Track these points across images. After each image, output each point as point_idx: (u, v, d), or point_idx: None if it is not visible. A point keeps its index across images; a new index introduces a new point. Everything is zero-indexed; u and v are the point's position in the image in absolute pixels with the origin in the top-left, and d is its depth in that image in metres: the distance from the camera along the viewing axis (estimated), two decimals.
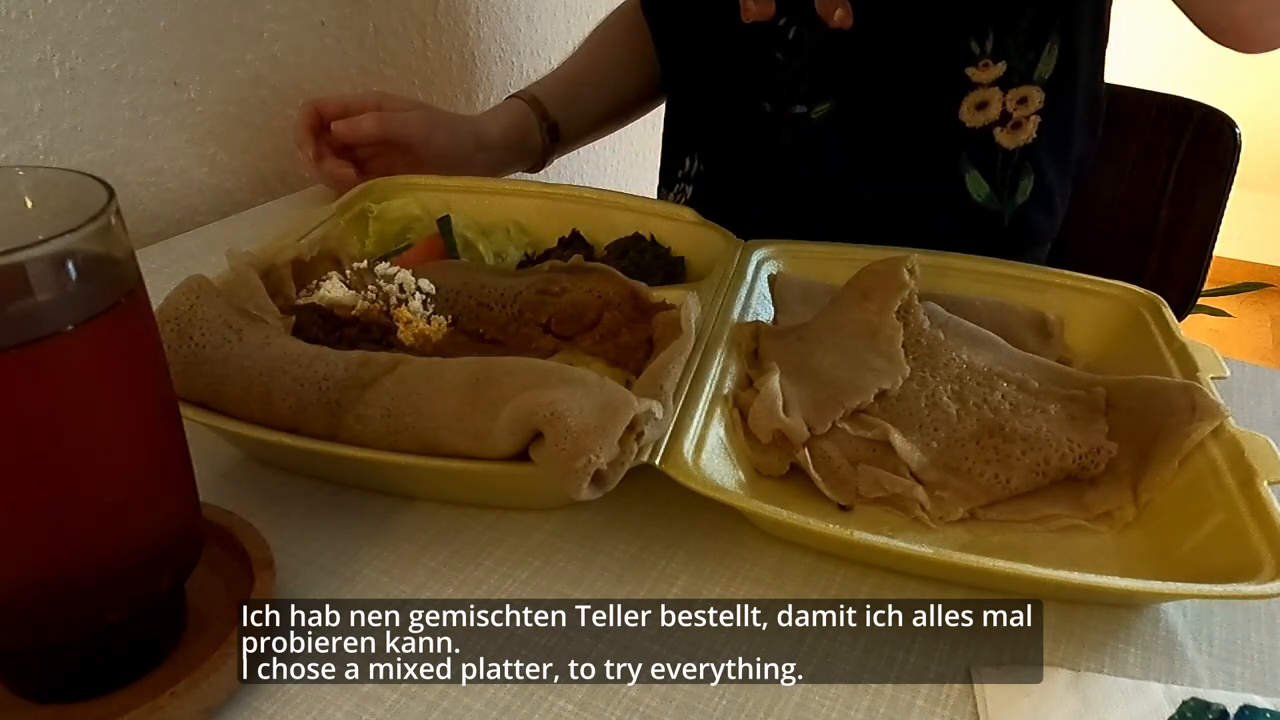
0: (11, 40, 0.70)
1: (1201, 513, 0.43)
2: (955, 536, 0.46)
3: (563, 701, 0.37)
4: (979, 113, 0.68)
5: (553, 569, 0.44)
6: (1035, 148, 0.70)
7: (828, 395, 0.49)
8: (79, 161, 0.76)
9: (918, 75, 0.67)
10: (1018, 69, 0.67)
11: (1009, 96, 0.68)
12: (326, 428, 0.44)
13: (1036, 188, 0.71)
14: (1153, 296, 0.58)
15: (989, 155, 0.70)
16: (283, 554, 0.43)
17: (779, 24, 0.66)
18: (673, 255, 0.65)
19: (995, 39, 0.66)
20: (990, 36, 0.66)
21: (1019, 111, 0.68)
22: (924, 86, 0.67)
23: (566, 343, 0.54)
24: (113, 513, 0.32)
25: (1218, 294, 1.76)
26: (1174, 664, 0.40)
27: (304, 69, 0.94)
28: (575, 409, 0.40)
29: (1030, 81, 0.67)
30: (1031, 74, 0.67)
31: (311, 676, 0.38)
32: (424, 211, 0.69)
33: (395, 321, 0.53)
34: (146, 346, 0.33)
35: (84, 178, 0.32)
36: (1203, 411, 0.46)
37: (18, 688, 0.36)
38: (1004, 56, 0.66)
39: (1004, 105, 0.68)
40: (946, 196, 0.71)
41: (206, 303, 0.47)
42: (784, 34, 0.67)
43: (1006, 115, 0.68)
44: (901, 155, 0.48)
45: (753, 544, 0.45)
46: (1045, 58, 0.66)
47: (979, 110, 0.68)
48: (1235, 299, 2.48)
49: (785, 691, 0.38)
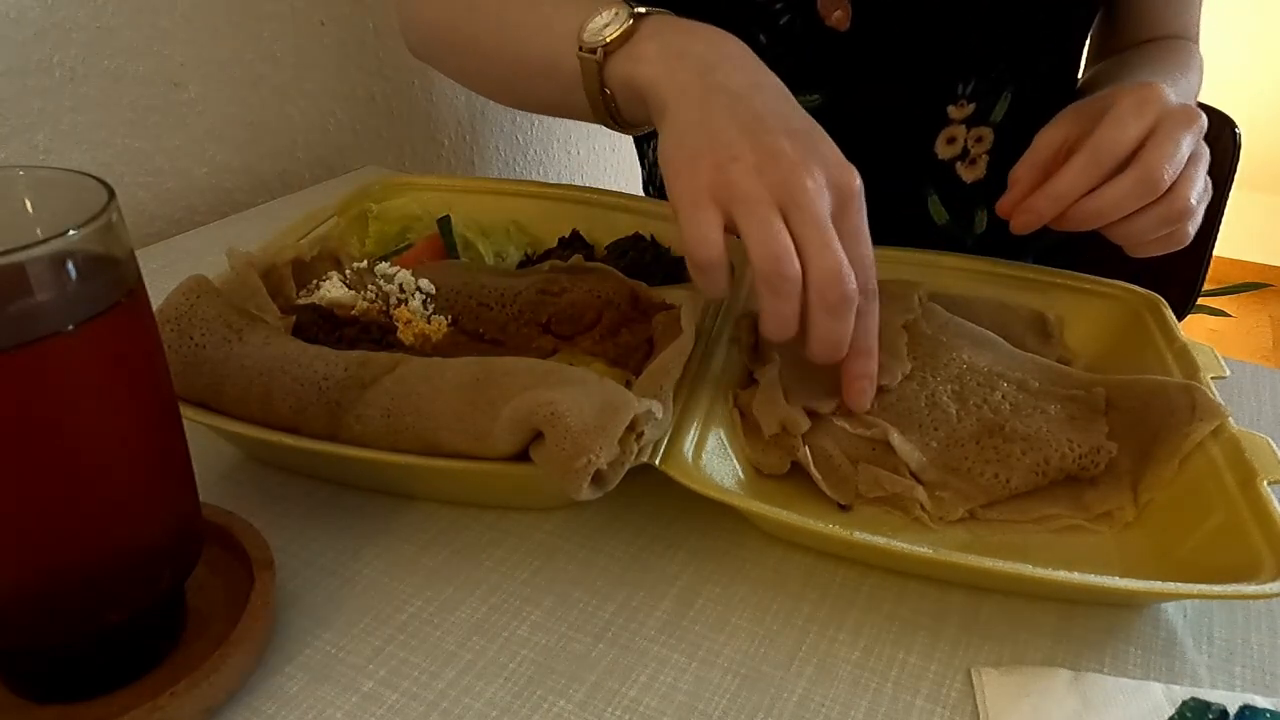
0: (11, 40, 0.70)
1: (1201, 513, 0.43)
2: (955, 536, 0.46)
3: (563, 701, 0.37)
4: (949, 147, 0.71)
5: (553, 569, 0.44)
6: (988, 184, 0.72)
7: (830, 383, 0.49)
8: (79, 161, 0.76)
9: (900, 101, 0.68)
10: (980, 109, 0.70)
11: (970, 134, 0.70)
12: (326, 428, 0.44)
13: (991, 221, 0.74)
14: (1153, 296, 0.58)
15: (950, 186, 0.73)
16: (283, 554, 0.43)
17: (774, 7, 0.66)
18: (673, 255, 0.65)
19: (975, 82, 0.69)
20: (973, 80, 0.68)
21: (975, 149, 0.71)
22: (905, 114, 0.69)
23: (566, 343, 0.54)
24: (113, 512, 0.32)
25: (1218, 294, 1.76)
26: (1174, 664, 0.40)
27: (304, 69, 0.94)
28: (575, 409, 0.40)
29: (985, 123, 0.70)
30: (988, 116, 0.70)
31: (312, 677, 0.38)
32: (424, 211, 0.69)
33: (395, 321, 0.53)
34: (146, 346, 0.33)
35: (84, 178, 0.32)
36: (1203, 411, 0.46)
37: (18, 688, 0.36)
38: (976, 98, 0.69)
39: (965, 142, 0.71)
40: (911, 215, 0.73)
41: (206, 303, 0.47)
42: (775, 18, 0.66)
43: (966, 151, 0.71)
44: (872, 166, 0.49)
45: (753, 544, 0.45)
46: (1000, 104, 0.70)
47: (949, 145, 0.71)
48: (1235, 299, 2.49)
49: (785, 691, 0.38)
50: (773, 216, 0.41)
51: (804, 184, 0.42)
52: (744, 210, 0.41)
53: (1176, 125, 0.50)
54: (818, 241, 0.41)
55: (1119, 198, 0.50)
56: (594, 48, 0.48)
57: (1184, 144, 0.50)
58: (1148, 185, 0.49)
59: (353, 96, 1.00)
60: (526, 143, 1.29)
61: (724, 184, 0.42)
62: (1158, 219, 0.50)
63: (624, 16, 0.48)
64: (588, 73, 0.49)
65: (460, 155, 1.18)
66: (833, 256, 0.41)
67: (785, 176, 0.42)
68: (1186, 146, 0.50)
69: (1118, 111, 0.51)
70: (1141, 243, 0.52)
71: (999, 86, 0.69)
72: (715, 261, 0.42)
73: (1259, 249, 2.71)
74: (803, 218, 0.41)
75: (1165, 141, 0.49)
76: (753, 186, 0.41)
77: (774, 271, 0.41)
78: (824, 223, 0.42)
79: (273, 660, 0.39)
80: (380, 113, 1.04)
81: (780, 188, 0.41)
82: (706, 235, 0.42)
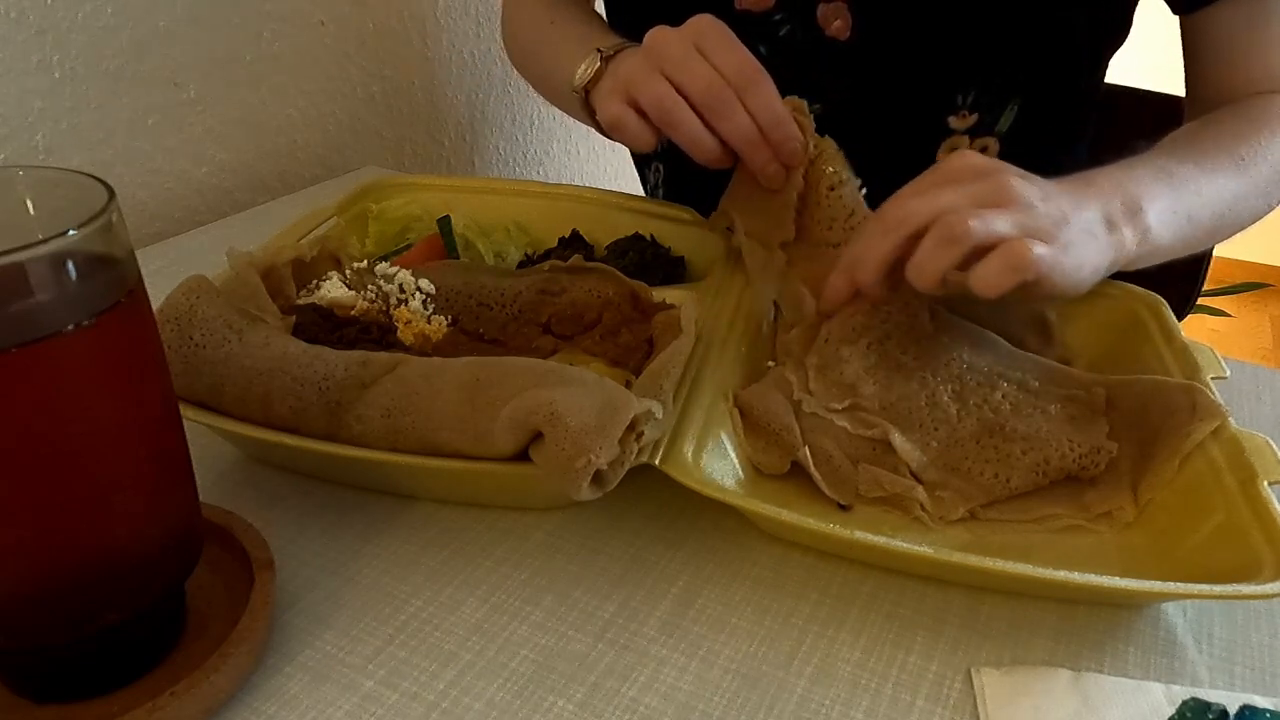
0: (11, 40, 0.70)
1: (1201, 513, 0.43)
2: (955, 536, 0.46)
3: (563, 701, 0.37)
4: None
5: (553, 569, 0.44)
6: None
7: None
8: (79, 161, 0.76)
9: (899, 111, 0.68)
10: (984, 120, 0.69)
11: (974, 145, 0.70)
12: (326, 428, 0.44)
13: None
14: (1153, 296, 0.58)
15: None
16: (283, 554, 0.43)
17: (773, 19, 0.66)
18: (673, 255, 0.65)
19: (976, 94, 0.68)
20: (973, 92, 0.68)
21: None
22: (904, 124, 0.69)
23: (566, 343, 0.54)
24: (113, 512, 0.32)
25: (1218, 294, 1.76)
26: (1174, 664, 0.40)
27: (304, 69, 0.94)
28: (575, 409, 0.40)
29: (991, 133, 0.70)
30: (994, 127, 0.70)
31: (312, 677, 0.38)
32: (424, 211, 0.69)
33: (395, 321, 0.53)
34: (146, 346, 0.33)
35: (84, 178, 0.32)
36: (1203, 412, 0.46)
37: (18, 688, 0.36)
38: (978, 109, 0.69)
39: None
40: None
41: (206, 303, 0.47)
42: (775, 29, 0.67)
43: None
44: (872, 176, 0.50)
45: (753, 544, 0.45)
46: (1006, 114, 0.69)
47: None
48: (1235, 299, 2.48)
49: (785, 691, 0.38)
50: (654, 79, 0.53)
51: (672, 50, 0.54)
52: (634, 85, 0.54)
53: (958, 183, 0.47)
54: (685, 71, 0.52)
55: (864, 236, 0.48)
56: (578, 90, 0.62)
57: (947, 193, 0.46)
58: (882, 220, 0.47)
59: (353, 96, 1.00)
60: (526, 143, 1.29)
61: (622, 80, 0.56)
62: (933, 238, 0.45)
63: (594, 60, 0.61)
64: (581, 105, 0.63)
65: (460, 155, 1.18)
66: (692, 72, 0.52)
67: (660, 51, 0.54)
68: (956, 195, 0.46)
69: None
70: (931, 268, 0.45)
71: (1004, 97, 0.68)
72: (616, 117, 0.55)
73: (1259, 249, 2.71)
74: (671, 66, 0.53)
75: (922, 185, 0.48)
76: (638, 69, 0.54)
77: (660, 108, 0.53)
78: (687, 57, 0.53)
79: (273, 660, 0.39)
80: (380, 113, 1.04)
81: (656, 59, 0.54)
82: (609, 108, 0.56)
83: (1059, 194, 0.48)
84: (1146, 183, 0.52)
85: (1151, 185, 0.52)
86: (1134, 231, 0.50)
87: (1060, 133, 0.73)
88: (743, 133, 0.53)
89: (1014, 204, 0.46)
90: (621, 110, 0.55)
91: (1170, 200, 0.52)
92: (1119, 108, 0.94)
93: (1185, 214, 0.53)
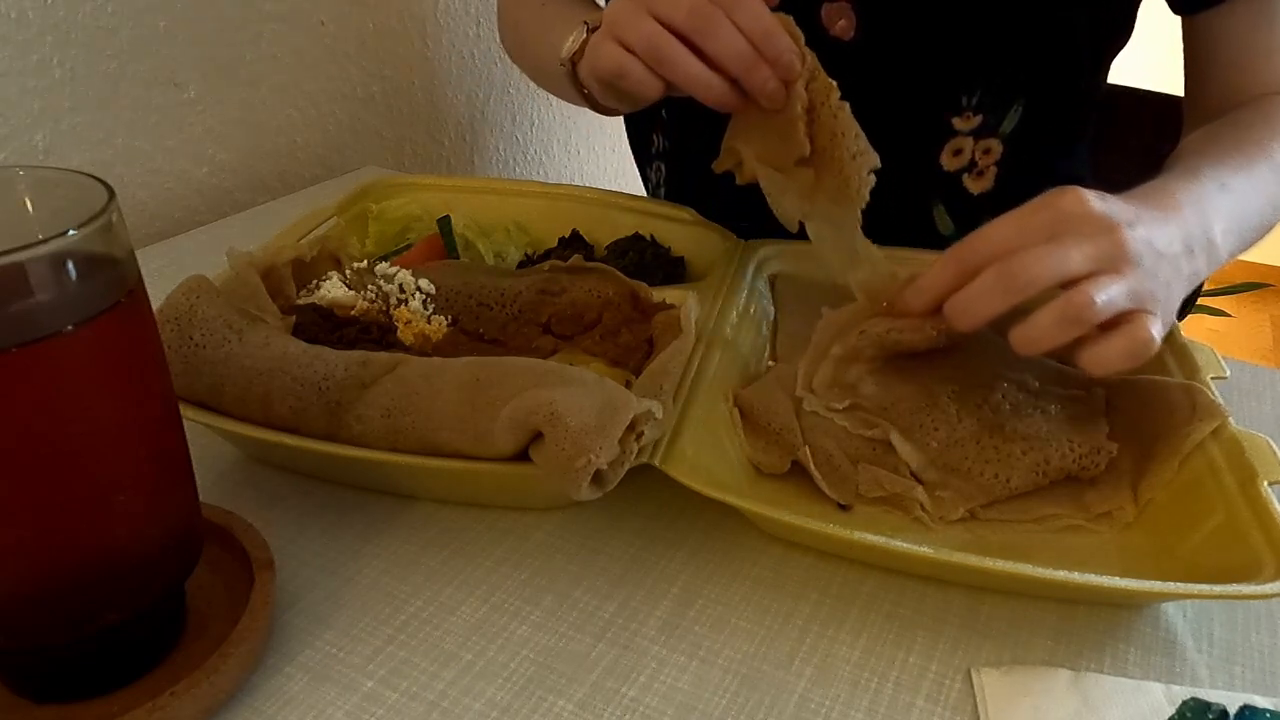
0: (11, 40, 0.70)
1: (1201, 513, 0.43)
2: (955, 536, 0.46)
3: (563, 701, 0.37)
4: (955, 158, 0.70)
5: (553, 569, 0.44)
6: (995, 195, 0.72)
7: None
8: (79, 161, 0.76)
9: (902, 112, 0.68)
10: (988, 121, 0.69)
11: (978, 146, 0.70)
12: (326, 428, 0.44)
13: None
14: None
15: (956, 198, 0.72)
16: (283, 554, 0.43)
17: None
18: (673, 255, 0.65)
19: (981, 94, 0.68)
20: (978, 92, 0.68)
21: (983, 161, 0.71)
22: (910, 125, 0.69)
23: (566, 343, 0.54)
24: (113, 512, 0.32)
25: (1217, 294, 1.76)
26: (1174, 664, 0.40)
27: (304, 69, 0.94)
28: (575, 409, 0.40)
29: (995, 134, 0.70)
30: (997, 128, 0.70)
31: (312, 677, 0.38)
32: (424, 211, 0.69)
33: (395, 321, 0.53)
34: (146, 346, 0.33)
35: (84, 178, 0.32)
36: (1203, 412, 0.46)
37: (18, 688, 0.36)
38: (982, 109, 0.69)
39: (973, 154, 0.70)
40: (916, 226, 0.72)
41: (206, 303, 0.47)
42: None
43: (973, 163, 0.71)
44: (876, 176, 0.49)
45: (753, 544, 0.45)
46: (1010, 115, 0.69)
47: (955, 156, 0.70)
48: (1235, 299, 2.48)
49: (785, 691, 0.38)
50: (640, 17, 0.51)
51: None
52: (620, 26, 0.52)
53: (1075, 236, 0.44)
54: (668, 2, 0.50)
55: (978, 290, 0.45)
56: (564, 62, 0.60)
57: (1073, 254, 0.44)
58: (1003, 277, 0.44)
59: (353, 96, 1.00)
60: (526, 143, 1.29)
61: (608, 25, 0.53)
62: (1054, 316, 0.43)
63: (581, 32, 0.59)
64: (569, 79, 0.61)
65: (460, 155, 1.18)
66: (675, 2, 0.50)
67: None
68: (1080, 256, 0.44)
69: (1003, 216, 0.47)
70: (1045, 343, 0.44)
71: (1008, 99, 0.68)
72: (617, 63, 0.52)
73: (1259, 249, 2.70)
74: (656, 2, 0.50)
75: (1046, 246, 0.44)
76: (623, 11, 0.52)
77: (650, 45, 0.50)
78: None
79: (273, 660, 0.39)
80: (380, 113, 1.04)
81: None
82: (605, 57, 0.53)
83: (1155, 226, 0.46)
84: (1214, 200, 0.51)
85: (1218, 203, 0.52)
86: (1207, 260, 0.50)
87: (1062, 133, 0.74)
88: (735, 49, 0.50)
89: (1131, 268, 0.44)
90: (620, 55, 0.52)
91: (1230, 220, 0.52)
92: (1119, 108, 0.94)
93: (1238, 231, 0.53)
